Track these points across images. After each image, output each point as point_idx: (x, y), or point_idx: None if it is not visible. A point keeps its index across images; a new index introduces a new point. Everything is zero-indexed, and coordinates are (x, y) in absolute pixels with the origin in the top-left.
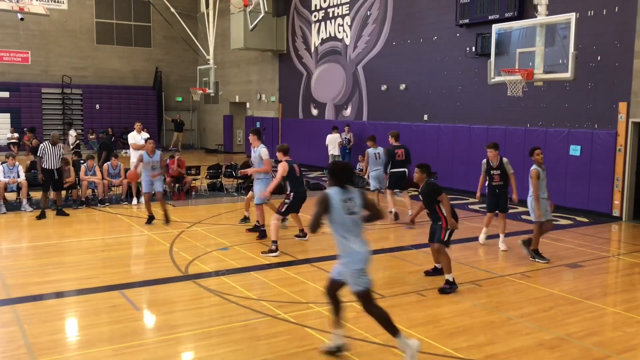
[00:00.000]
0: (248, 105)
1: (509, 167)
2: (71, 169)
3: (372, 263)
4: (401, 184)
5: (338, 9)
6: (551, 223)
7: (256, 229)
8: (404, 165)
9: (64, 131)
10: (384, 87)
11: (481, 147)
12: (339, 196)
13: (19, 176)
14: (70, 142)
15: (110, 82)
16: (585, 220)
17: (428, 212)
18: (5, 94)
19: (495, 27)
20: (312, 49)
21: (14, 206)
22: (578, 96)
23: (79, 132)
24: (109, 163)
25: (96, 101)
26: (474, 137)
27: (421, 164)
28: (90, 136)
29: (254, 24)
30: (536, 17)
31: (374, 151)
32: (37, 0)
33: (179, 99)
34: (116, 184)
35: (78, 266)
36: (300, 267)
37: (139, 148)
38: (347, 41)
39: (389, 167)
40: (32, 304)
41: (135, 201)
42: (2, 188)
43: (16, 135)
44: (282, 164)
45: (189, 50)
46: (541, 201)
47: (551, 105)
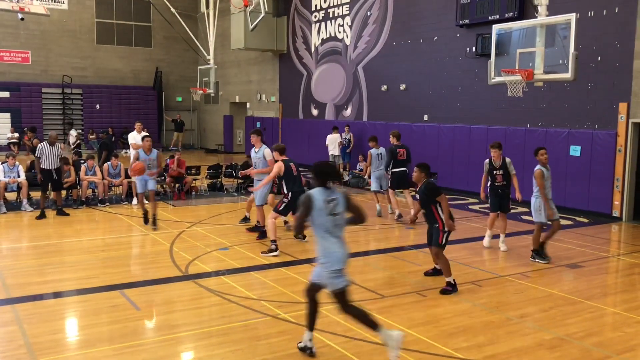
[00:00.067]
0: (248, 105)
1: (512, 168)
2: (71, 168)
3: (349, 265)
4: (403, 184)
5: (338, 9)
6: (559, 222)
7: (256, 229)
8: (405, 165)
9: (64, 131)
10: (384, 88)
11: (481, 147)
12: (322, 197)
13: (19, 176)
14: (70, 142)
15: (110, 82)
16: (585, 220)
17: (424, 212)
18: (6, 94)
19: (495, 28)
20: (313, 49)
21: (14, 206)
22: (578, 97)
23: (79, 132)
24: (109, 163)
25: (96, 101)
26: (474, 137)
27: (420, 163)
28: (91, 136)
29: (254, 24)
30: (536, 17)
31: (376, 152)
32: (37, 0)
33: (179, 99)
34: (116, 183)
35: (78, 266)
36: (300, 267)
37: (139, 148)
38: (348, 41)
39: (391, 166)
40: (32, 303)
41: (135, 201)
42: (2, 188)
43: (16, 135)
44: (278, 163)
45: (189, 50)
46: (549, 201)
47: (551, 105)
